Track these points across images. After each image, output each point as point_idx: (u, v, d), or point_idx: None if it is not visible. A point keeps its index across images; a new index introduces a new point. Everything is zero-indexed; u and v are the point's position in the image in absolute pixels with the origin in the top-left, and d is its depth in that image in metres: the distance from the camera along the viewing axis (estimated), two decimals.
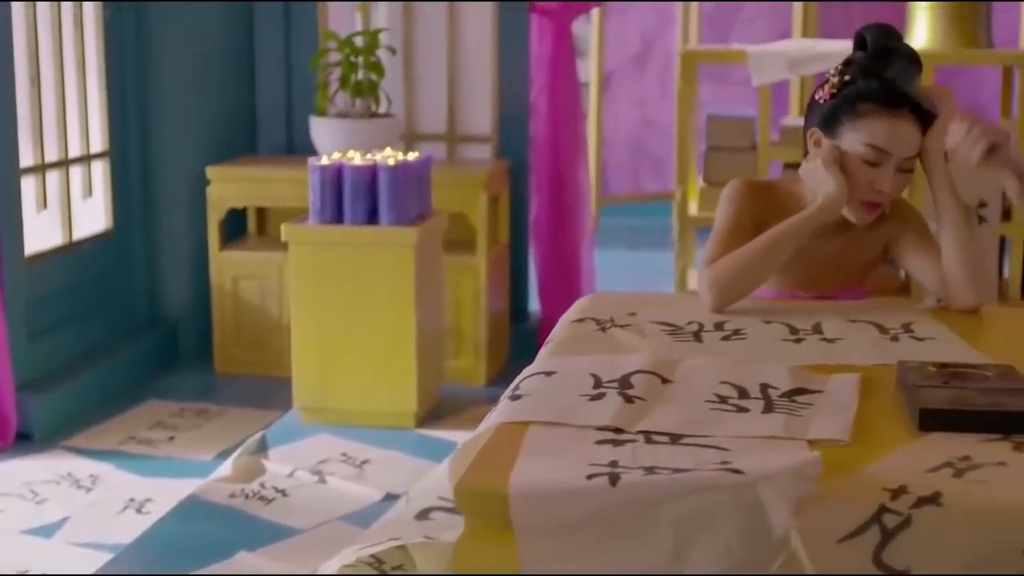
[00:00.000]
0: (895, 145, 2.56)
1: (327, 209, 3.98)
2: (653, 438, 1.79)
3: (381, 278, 4.03)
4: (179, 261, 5.17)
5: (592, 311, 2.52)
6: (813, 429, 1.81)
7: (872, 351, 2.23)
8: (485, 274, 4.75)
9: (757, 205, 2.70)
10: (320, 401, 4.26)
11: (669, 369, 2.09)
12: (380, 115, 4.82)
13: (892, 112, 2.56)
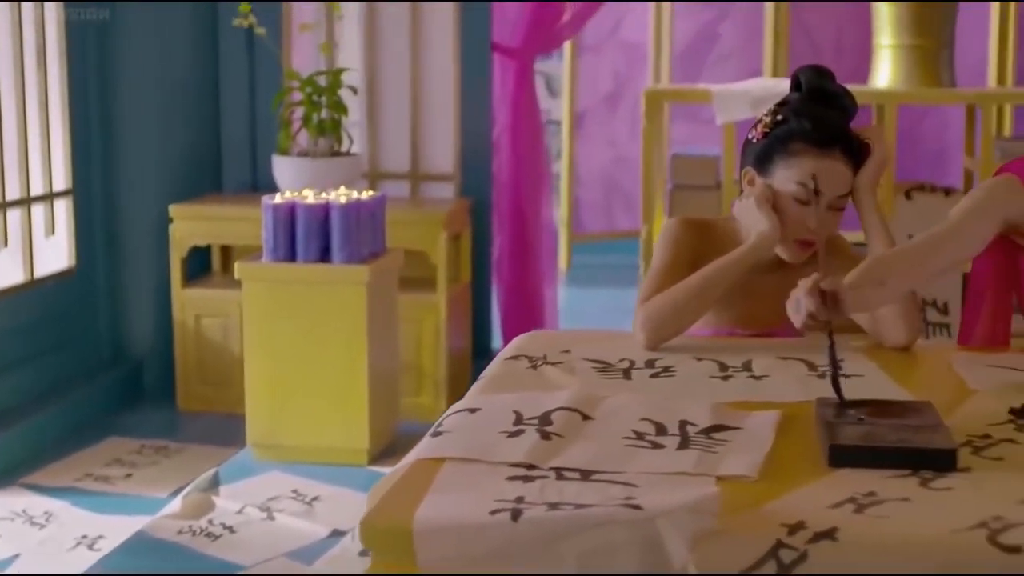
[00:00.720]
0: (826, 184, 2.58)
1: (280, 247, 4.01)
2: (564, 474, 1.81)
3: (333, 316, 4.05)
4: (143, 299, 5.18)
5: (527, 349, 2.54)
6: (724, 466, 1.83)
7: (797, 388, 2.25)
8: (445, 312, 4.78)
9: (695, 243, 2.72)
10: (273, 438, 4.27)
11: (591, 406, 2.10)
12: (342, 154, 4.85)
13: (823, 151, 2.59)
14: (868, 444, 1.86)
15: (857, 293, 2.34)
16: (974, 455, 1.88)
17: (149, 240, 5.12)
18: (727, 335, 2.72)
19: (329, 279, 4.04)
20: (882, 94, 5.63)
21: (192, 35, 5.25)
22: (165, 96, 5.13)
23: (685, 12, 7.88)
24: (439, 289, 4.77)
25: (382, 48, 5.35)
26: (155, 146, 5.11)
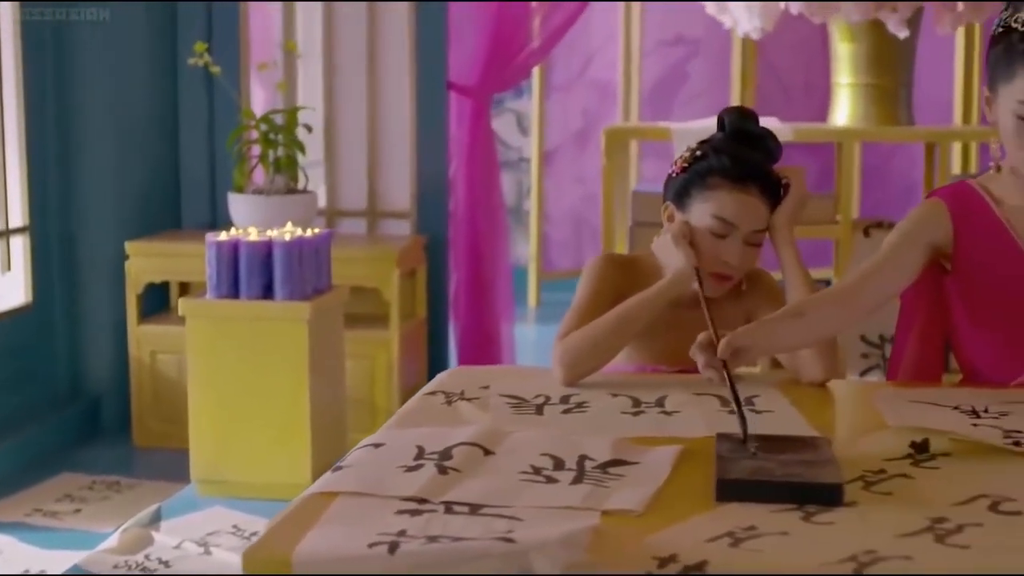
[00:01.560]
0: (741, 218, 2.62)
1: (223, 284, 4.04)
2: (453, 508, 1.82)
3: (276, 352, 4.08)
4: (100, 335, 5.20)
5: (446, 385, 2.56)
6: (612, 500, 1.85)
7: (705, 424, 2.27)
8: (398, 348, 4.80)
9: (618, 280, 2.75)
10: (217, 474, 4.29)
11: (495, 441, 2.12)
12: (297, 191, 4.88)
13: (740, 186, 2.63)
14: (755, 479, 1.88)
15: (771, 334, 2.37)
16: (864, 490, 1.90)
17: (106, 276, 5.14)
18: (651, 371, 2.75)
19: (271, 315, 4.07)
20: (841, 132, 5.68)
21: (151, 72, 5.28)
22: (123, 133, 5.16)
23: (654, 51, 7.94)
24: (392, 325, 4.80)
25: (340, 86, 5.40)
26: (113, 182, 5.13)
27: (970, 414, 2.34)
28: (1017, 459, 2.07)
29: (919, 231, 2.58)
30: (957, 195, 2.61)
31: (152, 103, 5.31)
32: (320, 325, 4.16)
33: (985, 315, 2.59)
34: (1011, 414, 2.33)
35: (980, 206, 2.57)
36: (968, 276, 2.58)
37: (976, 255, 2.56)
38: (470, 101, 5.25)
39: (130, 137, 5.20)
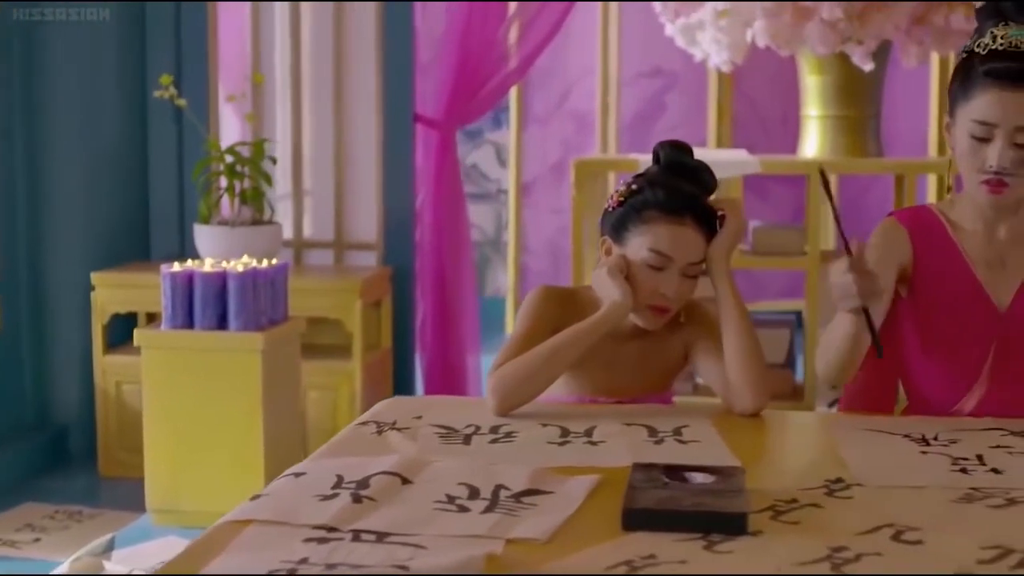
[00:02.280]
0: (677, 251, 2.65)
1: (178, 315, 4.07)
2: (361, 536, 1.84)
3: (230, 382, 4.10)
4: (68, 364, 5.22)
5: (380, 415, 2.59)
6: (518, 529, 1.87)
7: (629, 454, 2.28)
8: (361, 379, 4.83)
9: (555, 313, 2.76)
10: (171, 503, 4.30)
11: (415, 471, 2.14)
12: (263, 223, 4.91)
13: (675, 219, 2.64)
14: (660, 508, 1.90)
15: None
16: (773, 519, 1.92)
17: (74, 306, 5.17)
18: (590, 402, 2.76)
19: (225, 346, 4.09)
20: (809, 164, 5.71)
21: (120, 104, 5.31)
22: (92, 164, 5.19)
23: (632, 83, 7.97)
24: (354, 356, 4.83)
25: (308, 118, 5.43)
26: (81, 213, 5.16)
27: (919, 442, 2.37)
28: (929, 489, 2.09)
29: (888, 253, 2.61)
30: (916, 218, 2.64)
31: (121, 134, 5.34)
32: (274, 355, 4.18)
33: (935, 341, 2.61)
34: (960, 441, 2.37)
35: (938, 231, 2.61)
36: (922, 300, 2.61)
37: (931, 279, 2.60)
38: (437, 133, 5.29)
39: (99, 168, 5.23)
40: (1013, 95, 2.42)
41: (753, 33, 5.49)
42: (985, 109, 2.44)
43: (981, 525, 1.90)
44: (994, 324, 2.56)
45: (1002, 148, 2.44)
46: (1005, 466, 2.21)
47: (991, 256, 2.58)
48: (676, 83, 8.00)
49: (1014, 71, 2.41)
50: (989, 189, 2.47)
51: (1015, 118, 2.42)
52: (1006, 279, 2.58)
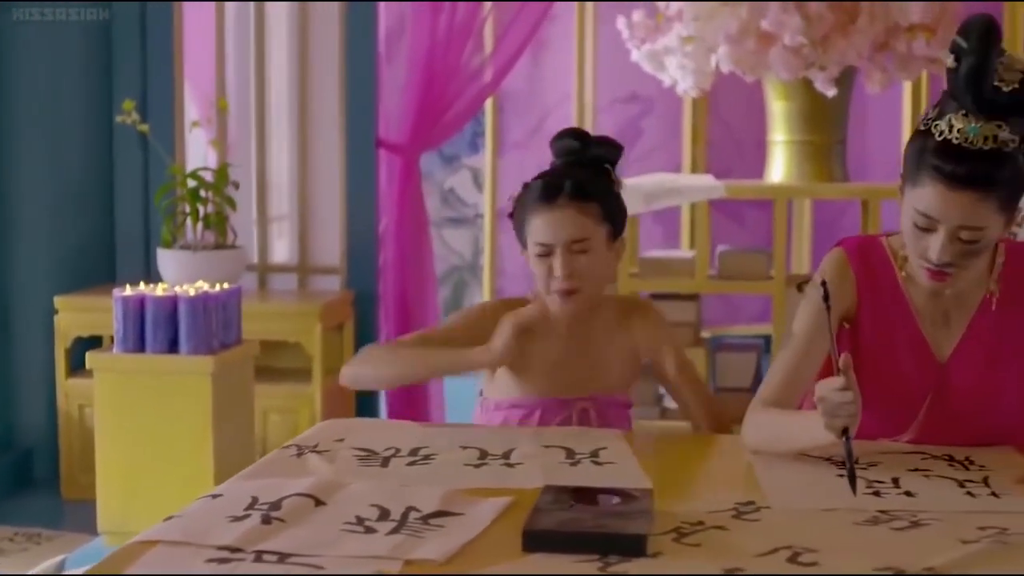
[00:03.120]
0: (555, 234, 2.71)
1: (130, 338, 4.09)
2: (263, 557, 1.87)
3: (180, 405, 4.11)
4: (33, 387, 5.24)
5: (307, 438, 2.61)
6: (419, 550, 1.89)
7: (544, 476, 2.30)
8: (322, 401, 4.85)
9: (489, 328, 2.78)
10: (123, 526, 4.30)
11: (329, 492, 2.16)
12: (225, 247, 4.95)
13: (549, 204, 2.71)
14: (560, 529, 1.91)
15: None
16: (675, 541, 1.94)
17: (38, 330, 5.19)
18: (551, 401, 2.81)
19: (176, 370, 4.11)
20: (773, 189, 5.75)
21: (86, 129, 5.34)
22: (58, 187, 5.22)
23: (608, 109, 8.01)
24: (314, 380, 4.85)
25: (271, 144, 5.47)
26: (47, 238, 5.19)
27: (840, 465, 2.38)
28: (838, 512, 2.10)
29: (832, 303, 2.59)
30: (864, 250, 2.61)
31: (87, 159, 5.36)
32: (225, 378, 4.19)
33: (872, 382, 2.59)
34: (880, 464, 2.39)
35: (884, 266, 2.59)
36: (863, 340, 2.59)
37: (875, 322, 2.58)
38: (400, 158, 5.32)
39: (65, 192, 5.25)
40: (958, 195, 2.32)
41: (717, 59, 5.53)
42: (929, 203, 2.35)
43: (880, 547, 1.93)
44: (932, 374, 2.55)
45: (944, 243, 2.37)
46: (919, 489, 2.24)
47: (936, 311, 2.56)
48: (652, 108, 8.03)
49: (959, 174, 2.31)
50: (930, 276, 2.43)
51: (958, 218, 2.34)
52: (947, 332, 2.56)
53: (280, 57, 5.52)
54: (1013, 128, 2.34)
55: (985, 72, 2.34)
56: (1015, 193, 2.38)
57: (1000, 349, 2.54)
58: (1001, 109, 2.34)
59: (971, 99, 2.34)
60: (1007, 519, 2.05)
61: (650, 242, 7.18)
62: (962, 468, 2.38)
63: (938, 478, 2.31)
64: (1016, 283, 2.55)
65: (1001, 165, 2.33)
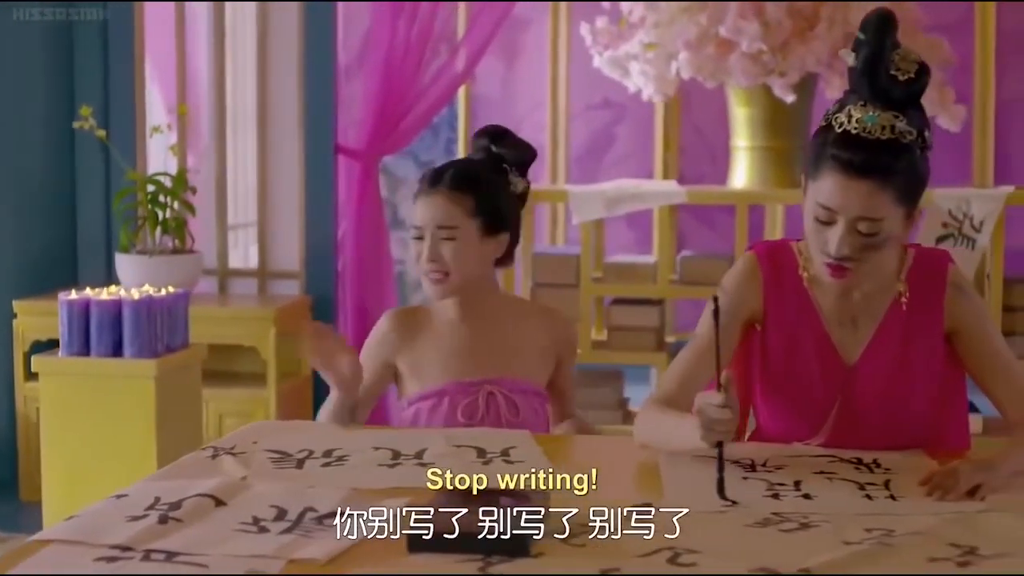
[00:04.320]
0: (426, 220, 2.83)
1: (75, 342, 4.11)
2: (151, 556, 1.90)
3: (124, 409, 4.13)
4: None
5: (226, 440, 2.64)
6: (304, 550, 1.92)
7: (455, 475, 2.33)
8: (276, 405, 4.88)
9: (398, 334, 2.94)
10: None
11: (231, 493, 2.19)
12: (182, 251, 4.98)
13: (428, 192, 2.84)
14: (445, 530, 1.94)
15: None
16: (563, 542, 1.97)
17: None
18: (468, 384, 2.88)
19: (120, 373, 4.13)
20: (733, 194, 5.78)
21: (48, 134, 5.36)
22: (21, 192, 5.24)
23: (581, 115, 8.03)
24: (269, 384, 4.89)
25: (232, 149, 5.50)
26: (8, 242, 5.20)
27: (746, 468, 2.41)
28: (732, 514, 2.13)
29: (735, 309, 2.61)
30: (773, 254, 2.64)
31: (50, 164, 5.38)
32: (170, 382, 4.21)
33: (781, 387, 2.63)
34: (787, 468, 2.41)
35: (793, 270, 2.61)
36: (771, 344, 2.63)
37: (783, 327, 2.61)
38: (358, 164, 5.35)
39: (27, 198, 5.27)
40: (856, 184, 2.36)
41: (678, 66, 5.56)
42: (828, 194, 2.39)
43: (762, 548, 1.95)
44: (840, 378, 2.58)
45: (843, 235, 2.40)
46: (818, 492, 2.26)
47: (843, 314, 2.59)
48: (625, 114, 8.06)
49: (857, 163, 2.36)
50: (831, 273, 2.45)
51: (857, 208, 2.38)
52: (855, 336, 2.59)
53: (241, 63, 5.55)
54: (910, 120, 2.40)
55: (880, 60, 2.40)
56: (912, 186, 2.42)
57: (908, 353, 2.56)
58: (898, 99, 2.39)
59: (868, 88, 2.40)
60: (895, 521, 2.08)
61: (622, 247, 7.21)
62: (867, 471, 2.40)
63: (841, 481, 2.33)
64: (923, 287, 2.58)
65: (898, 155, 2.38)
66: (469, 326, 2.91)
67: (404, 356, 2.92)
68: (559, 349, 2.98)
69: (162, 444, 4.15)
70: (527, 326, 2.95)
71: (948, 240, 5.36)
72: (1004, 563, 1.89)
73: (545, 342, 2.96)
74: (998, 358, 2.57)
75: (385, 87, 5.30)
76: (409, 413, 2.90)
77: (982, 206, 5.34)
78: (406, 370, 2.92)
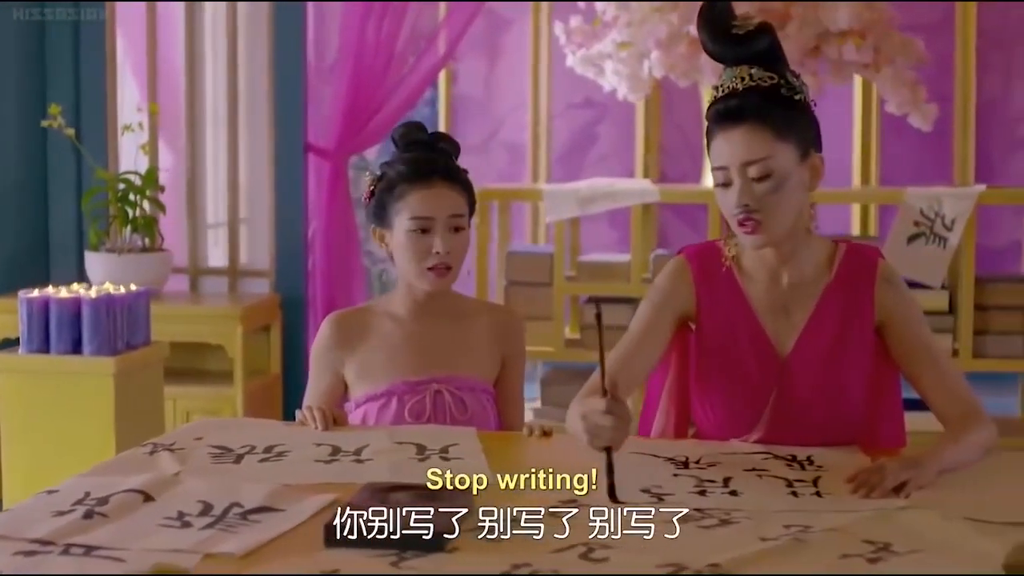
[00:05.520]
0: (435, 210, 2.81)
1: (35, 339, 4.13)
2: (70, 551, 1.94)
3: (83, 406, 4.14)
4: None
5: (166, 436, 2.66)
6: (221, 545, 1.94)
7: (390, 472, 2.36)
8: (243, 403, 4.90)
9: (342, 337, 2.96)
10: None
11: (160, 489, 2.21)
12: (151, 250, 5.00)
13: (424, 184, 2.81)
14: (360, 526, 1.96)
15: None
16: (480, 538, 1.99)
17: None
18: (420, 382, 2.88)
19: (78, 370, 4.14)
20: (705, 193, 5.79)
21: (19, 133, 5.36)
22: None
23: (563, 114, 8.05)
24: (236, 382, 4.91)
25: (201, 148, 5.51)
26: None
27: (679, 465, 2.43)
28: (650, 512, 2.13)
29: (666, 303, 2.66)
30: (703, 255, 2.69)
31: (21, 164, 5.38)
32: (130, 380, 4.22)
33: (717, 384, 2.66)
34: (719, 464, 2.43)
35: (725, 275, 2.65)
36: (706, 343, 2.66)
37: (716, 324, 2.64)
38: (328, 163, 5.37)
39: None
40: (732, 132, 2.47)
41: (650, 65, 5.58)
42: (716, 154, 2.50)
43: (676, 545, 1.97)
44: (775, 370, 2.61)
45: (740, 186, 2.47)
46: (745, 489, 2.28)
47: (775, 304, 2.62)
48: (607, 114, 8.08)
49: (724, 111, 2.48)
50: (744, 231, 2.51)
51: (740, 153, 2.46)
52: (788, 326, 2.62)
53: (212, 62, 5.57)
54: (765, 69, 2.50)
55: (722, 17, 2.55)
56: (790, 124, 2.50)
57: (840, 343, 2.60)
58: (745, 54, 2.51)
59: (716, 46, 2.54)
60: (814, 517, 2.09)
61: (604, 246, 7.23)
62: (799, 468, 2.42)
63: (771, 478, 2.35)
64: (854, 279, 2.62)
65: (762, 96, 2.48)
66: (416, 324, 2.92)
67: (350, 361, 2.93)
68: (505, 346, 2.97)
69: (122, 441, 4.16)
70: (474, 323, 2.95)
71: (920, 239, 5.38)
72: (915, 559, 1.91)
73: (492, 339, 2.96)
74: (929, 353, 2.60)
75: (354, 86, 5.32)
76: (358, 414, 2.91)
77: (954, 205, 5.36)
78: (353, 373, 2.93)
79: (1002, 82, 7.30)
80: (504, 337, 2.98)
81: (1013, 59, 7.31)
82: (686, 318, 2.67)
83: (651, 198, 5.75)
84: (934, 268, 5.35)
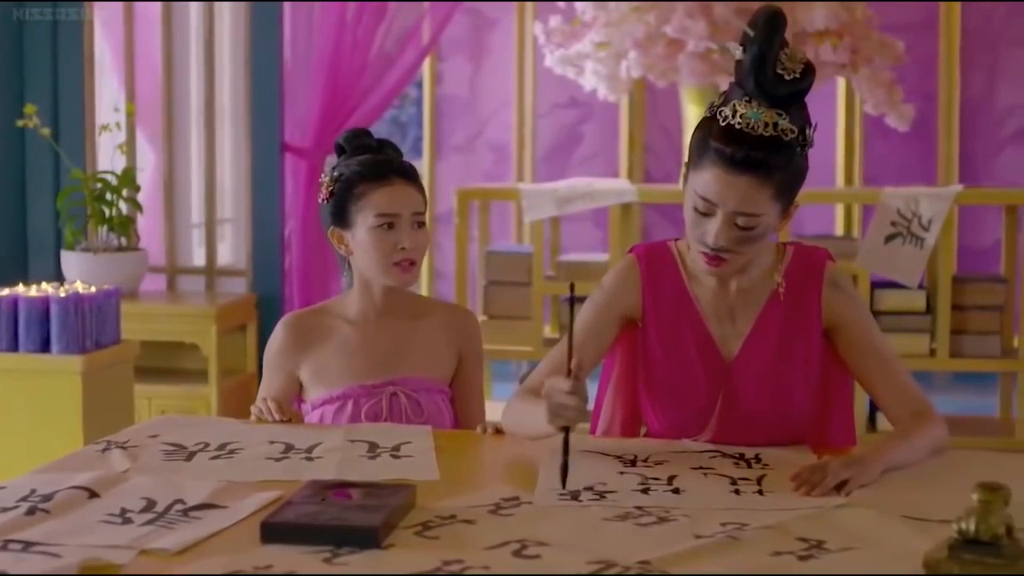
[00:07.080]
0: (398, 206, 2.84)
1: (3, 337, 4.14)
2: (9, 546, 1.94)
3: (51, 404, 4.16)
4: None
5: (121, 433, 2.68)
6: (157, 541, 1.95)
7: (338, 469, 2.37)
8: (218, 402, 4.92)
9: (297, 338, 2.97)
10: None
11: (106, 486, 2.23)
12: (127, 249, 5.02)
13: (383, 182, 2.85)
14: (296, 522, 1.98)
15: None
16: (417, 535, 2.01)
17: None
18: (376, 386, 2.89)
19: (46, 369, 4.16)
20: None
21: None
22: None
23: (548, 114, 8.07)
24: (210, 381, 4.93)
25: (179, 147, 5.53)
26: None
27: (627, 463, 2.44)
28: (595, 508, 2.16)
29: (611, 303, 2.66)
30: (652, 256, 2.68)
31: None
32: (98, 378, 4.23)
33: (663, 378, 2.66)
34: (667, 463, 2.44)
35: (671, 269, 2.65)
36: (652, 338, 2.66)
37: (662, 327, 2.65)
38: (305, 162, 5.39)
39: None
40: (736, 179, 2.40)
41: (628, 65, 5.59)
42: (708, 186, 2.43)
43: (611, 542, 1.98)
44: (721, 372, 2.62)
45: (720, 227, 2.44)
46: (688, 487, 2.29)
47: (721, 309, 2.63)
48: (592, 114, 8.10)
49: (739, 158, 2.39)
50: (706, 261, 2.50)
51: (735, 203, 2.41)
52: (735, 332, 2.63)
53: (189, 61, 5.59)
54: (793, 119, 2.44)
55: (767, 58, 2.43)
56: (791, 183, 2.47)
57: (786, 347, 2.60)
58: (782, 97, 2.43)
59: (754, 84, 2.43)
60: (751, 515, 2.11)
61: (588, 245, 7.25)
62: (746, 467, 2.44)
63: (716, 476, 2.36)
64: (801, 283, 2.62)
65: (779, 153, 2.42)
66: (372, 326, 2.93)
67: (306, 363, 2.94)
68: (461, 345, 2.99)
69: (90, 440, 4.17)
70: (429, 323, 2.97)
71: (897, 239, 5.39)
72: (846, 557, 1.92)
73: (448, 338, 2.97)
74: (878, 354, 2.61)
75: (331, 85, 5.34)
76: (315, 416, 2.92)
77: (931, 205, 5.37)
78: (309, 375, 2.94)
79: (986, 82, 7.32)
80: (459, 336, 2.99)
81: (997, 59, 7.33)
82: (632, 318, 2.68)
83: (629, 198, 5.77)
84: (911, 268, 5.36)
